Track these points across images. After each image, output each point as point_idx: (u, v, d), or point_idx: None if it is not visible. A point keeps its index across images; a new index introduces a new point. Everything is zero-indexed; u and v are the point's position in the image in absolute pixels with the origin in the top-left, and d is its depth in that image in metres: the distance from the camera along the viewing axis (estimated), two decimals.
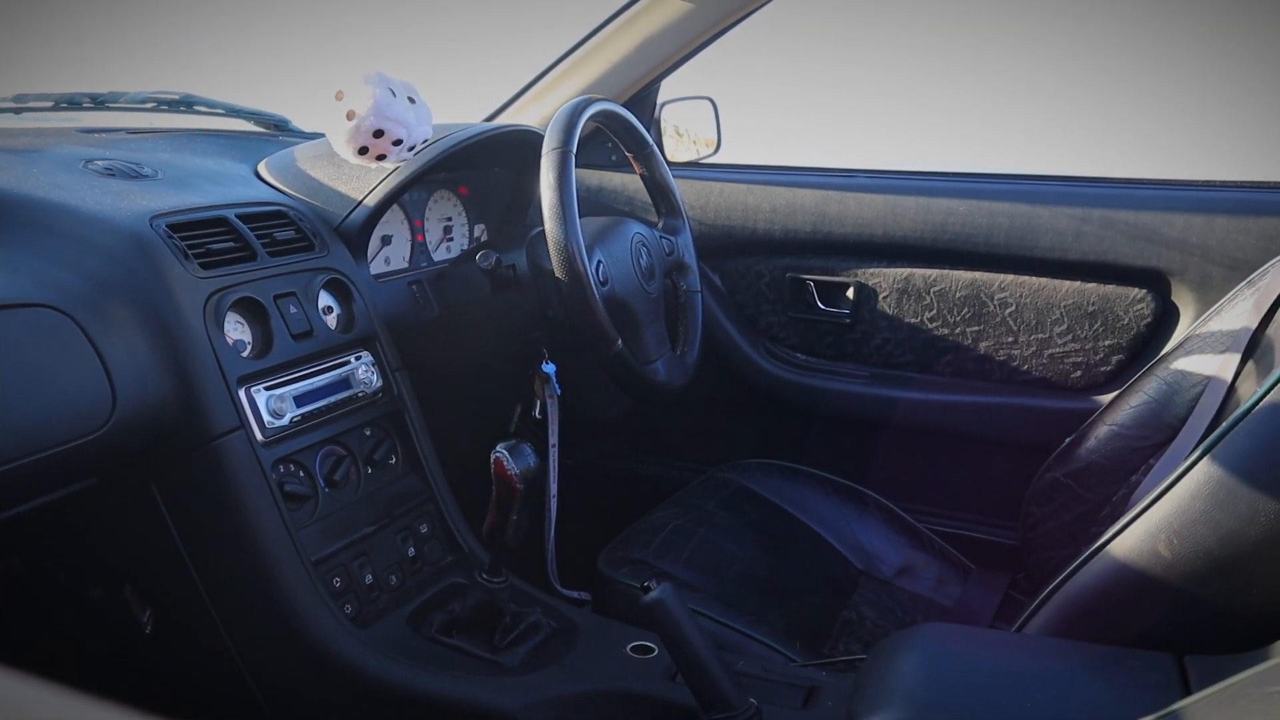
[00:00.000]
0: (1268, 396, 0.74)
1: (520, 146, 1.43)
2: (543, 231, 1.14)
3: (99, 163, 1.11)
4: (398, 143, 1.04)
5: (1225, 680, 0.57)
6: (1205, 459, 0.76)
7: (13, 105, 1.25)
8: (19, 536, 1.05)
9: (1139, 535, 0.80)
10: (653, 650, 1.00)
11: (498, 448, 0.95)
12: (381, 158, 1.05)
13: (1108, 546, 0.83)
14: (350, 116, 1.00)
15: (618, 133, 1.35)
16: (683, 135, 1.83)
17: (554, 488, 1.39)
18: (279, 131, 1.60)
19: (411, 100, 1.05)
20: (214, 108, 1.49)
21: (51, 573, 1.08)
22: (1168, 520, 0.77)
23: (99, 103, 1.32)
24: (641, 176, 1.41)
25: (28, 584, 1.10)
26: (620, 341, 1.17)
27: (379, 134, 1.02)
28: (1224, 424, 0.76)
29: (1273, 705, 0.52)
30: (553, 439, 1.39)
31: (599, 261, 1.21)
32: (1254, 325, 1.06)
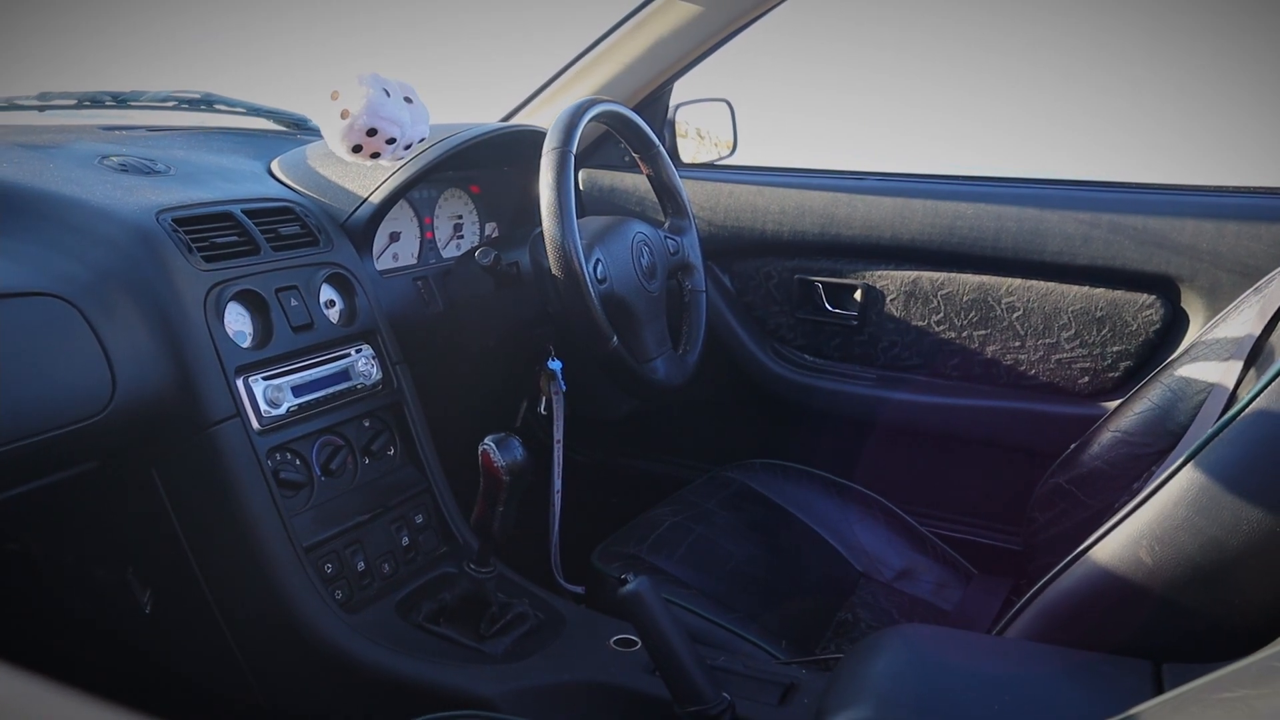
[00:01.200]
0: (1252, 404, 0.74)
1: (529, 146, 1.45)
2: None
3: (114, 159, 1.15)
4: (391, 141, 1.06)
5: (1184, 685, 0.57)
6: (1189, 465, 0.75)
7: (37, 103, 1.30)
8: (29, 518, 1.09)
9: (1121, 541, 0.79)
10: (635, 644, 1.01)
11: (486, 440, 0.97)
12: (376, 156, 1.07)
13: (1090, 551, 0.83)
14: (344, 115, 1.02)
15: (623, 133, 1.36)
16: (704, 137, 1.85)
17: (558, 483, 1.40)
18: (298, 130, 1.63)
19: (409, 100, 1.07)
20: (234, 106, 1.53)
21: (59, 553, 1.12)
22: (1150, 526, 0.77)
23: (121, 101, 1.37)
24: (648, 177, 1.42)
25: (38, 564, 1.14)
26: (615, 339, 1.18)
27: (372, 133, 1.04)
28: (1209, 431, 0.75)
29: (1226, 710, 0.51)
30: (558, 435, 1.40)
31: (597, 260, 1.22)
32: (1258, 332, 1.05)
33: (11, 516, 1.07)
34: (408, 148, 1.10)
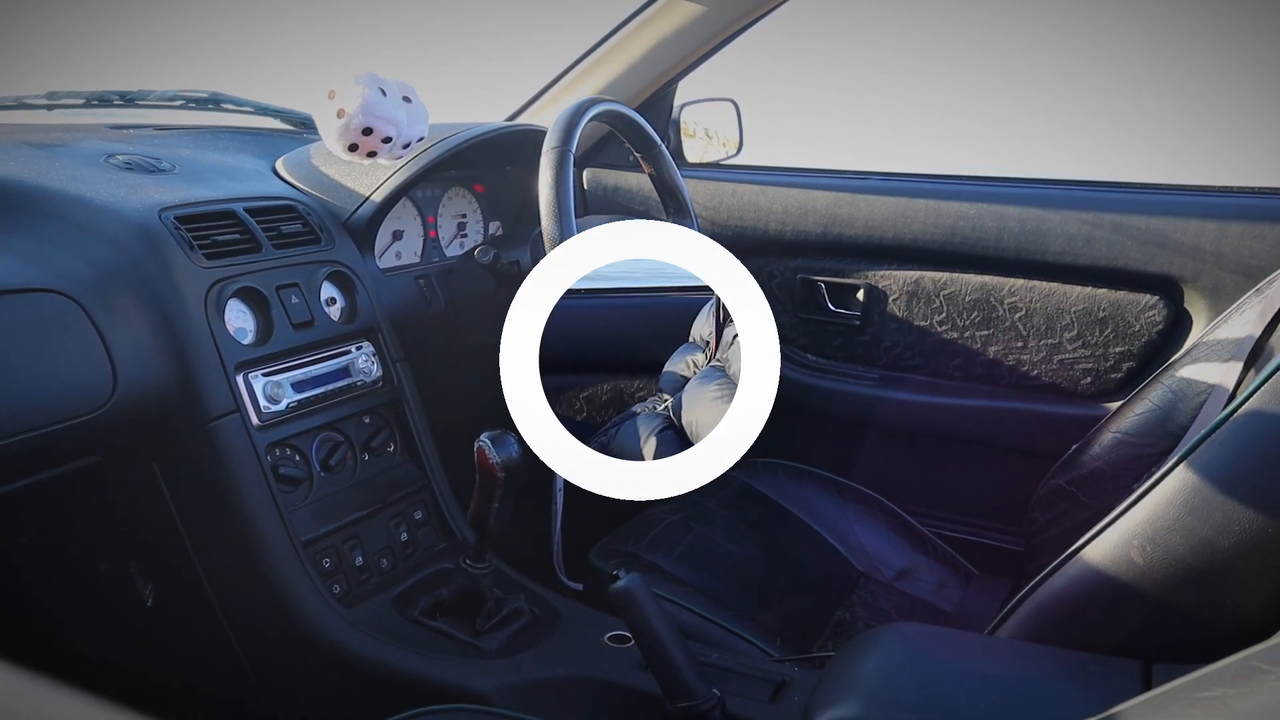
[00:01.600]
0: (1245, 405, 0.73)
1: (531, 146, 1.46)
2: None
3: (120, 157, 1.17)
4: (387, 140, 1.07)
5: (1166, 684, 0.57)
6: (1181, 466, 0.75)
7: (45, 102, 1.31)
8: (33, 511, 1.11)
9: (1113, 541, 0.79)
10: (629, 640, 1.01)
11: (481, 437, 0.98)
12: (372, 154, 1.08)
13: (1082, 552, 0.83)
14: (340, 114, 1.03)
15: (625, 133, 1.36)
16: (712, 137, 1.85)
17: (560, 481, 1.41)
18: (304, 129, 1.64)
19: (408, 100, 1.08)
20: (241, 106, 1.54)
21: (65, 547, 1.13)
22: (1142, 527, 0.77)
23: (128, 100, 1.38)
24: (650, 176, 1.43)
25: (44, 557, 1.16)
26: None
27: (368, 132, 1.05)
28: (1201, 431, 0.75)
29: (1205, 709, 0.51)
30: None
31: None
32: (1258, 333, 1.04)
33: (15, 510, 1.09)
34: (406, 147, 1.11)
